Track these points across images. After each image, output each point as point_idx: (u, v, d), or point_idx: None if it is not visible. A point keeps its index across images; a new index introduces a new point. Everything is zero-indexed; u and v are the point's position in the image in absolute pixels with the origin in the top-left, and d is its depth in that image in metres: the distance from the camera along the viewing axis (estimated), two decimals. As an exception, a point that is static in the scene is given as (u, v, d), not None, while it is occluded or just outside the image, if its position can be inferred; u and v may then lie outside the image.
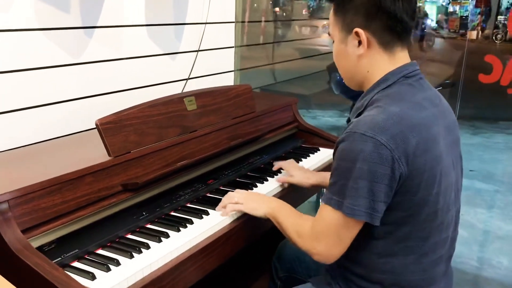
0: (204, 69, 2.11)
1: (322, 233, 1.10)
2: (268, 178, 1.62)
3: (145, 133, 1.36)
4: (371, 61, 1.13)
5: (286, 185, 1.57)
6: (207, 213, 1.34)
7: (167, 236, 1.21)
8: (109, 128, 1.26)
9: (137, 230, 1.25)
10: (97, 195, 1.21)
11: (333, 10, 1.17)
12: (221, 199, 1.43)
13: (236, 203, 1.32)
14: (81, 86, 1.58)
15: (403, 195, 1.04)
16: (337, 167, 1.06)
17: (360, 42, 1.11)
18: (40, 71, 1.45)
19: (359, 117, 1.07)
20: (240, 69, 2.38)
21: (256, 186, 1.55)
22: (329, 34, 1.20)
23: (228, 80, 2.29)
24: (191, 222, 1.29)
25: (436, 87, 3.36)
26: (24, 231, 1.03)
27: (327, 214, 1.08)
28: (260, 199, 1.32)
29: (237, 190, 1.38)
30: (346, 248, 1.09)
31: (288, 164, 1.61)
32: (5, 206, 1.01)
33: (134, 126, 1.33)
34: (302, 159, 1.82)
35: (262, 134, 1.78)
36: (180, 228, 1.26)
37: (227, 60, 2.27)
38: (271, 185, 1.56)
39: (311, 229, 1.12)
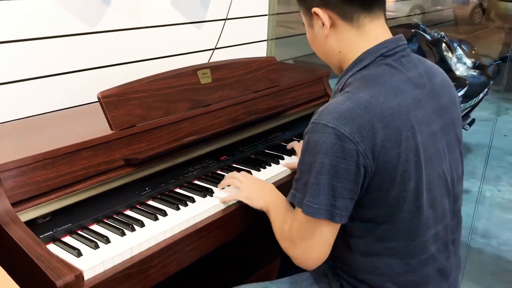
0: (234, 39, 2.04)
1: (296, 236, 1.03)
2: (284, 156, 1.55)
3: (151, 107, 1.32)
4: (339, 39, 1.03)
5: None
6: (211, 192, 1.30)
7: (164, 214, 1.19)
8: (111, 101, 1.24)
9: (137, 206, 1.23)
10: (95, 169, 1.19)
11: None
12: (230, 177, 1.38)
13: (236, 186, 1.27)
14: (98, 56, 1.57)
15: (375, 192, 0.95)
16: (301, 161, 0.98)
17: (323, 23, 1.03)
18: (54, 40, 1.45)
19: (325, 105, 0.98)
20: (274, 38, 2.28)
21: (270, 165, 1.48)
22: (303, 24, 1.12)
23: (260, 50, 2.21)
24: (193, 201, 1.26)
25: (495, 61, 3.08)
26: (15, 204, 1.04)
27: (298, 214, 1.00)
28: (259, 189, 1.24)
29: (242, 173, 1.32)
30: (325, 250, 1.01)
31: (299, 146, 1.51)
32: (-5, 178, 1.02)
33: (140, 100, 1.30)
34: None
35: (284, 109, 1.70)
36: (180, 206, 1.23)
37: (260, 28, 2.17)
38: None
39: (289, 231, 1.06)
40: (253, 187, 1.26)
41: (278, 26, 2.34)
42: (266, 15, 2.17)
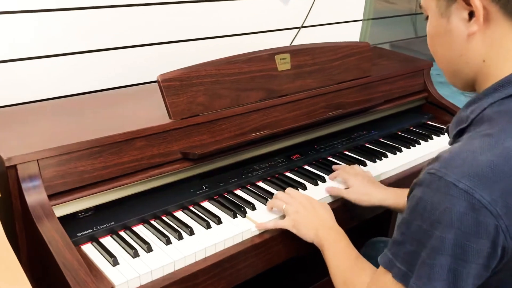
0: (323, 17, 1.80)
1: None
2: (367, 162, 1.32)
3: (217, 94, 1.16)
4: (489, 43, 0.72)
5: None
6: (275, 199, 1.13)
7: (219, 221, 1.03)
8: (172, 86, 1.08)
9: (189, 207, 1.08)
10: (148, 161, 1.06)
11: None
12: (300, 182, 1.20)
13: (279, 208, 1.05)
14: (164, 30, 1.41)
15: (507, 271, 0.68)
16: (408, 223, 0.71)
17: (472, 14, 0.71)
18: (116, 9, 1.31)
19: (454, 148, 0.69)
20: (371, 19, 2.01)
21: (348, 171, 1.27)
22: (420, 7, 0.82)
23: (353, 31, 1.95)
24: (253, 208, 1.09)
25: None
26: (54, 196, 0.93)
27: (387, 284, 0.74)
28: (311, 217, 1.01)
29: (291, 191, 1.08)
30: None
31: (344, 172, 1.19)
32: (34, 166, 0.91)
33: (205, 86, 1.13)
34: (399, 151, 1.45)
35: (374, 105, 1.46)
36: (237, 214, 1.06)
37: (354, 6, 1.91)
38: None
39: None
40: (305, 212, 1.02)
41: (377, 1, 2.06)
42: (364, -9, 1.91)
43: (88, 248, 0.94)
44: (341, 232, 0.98)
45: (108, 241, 0.96)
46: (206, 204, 1.10)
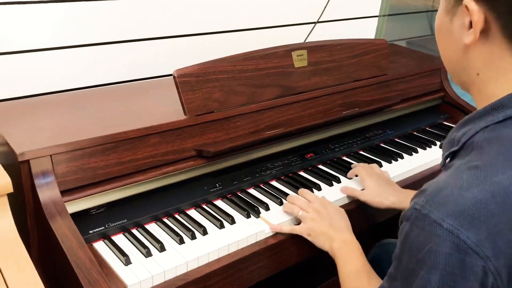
0: (339, 12, 1.77)
1: None
2: (383, 163, 1.30)
3: (233, 91, 1.13)
4: (485, 60, 0.68)
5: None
6: (290, 199, 1.10)
7: (232, 221, 1.01)
8: (188, 81, 1.06)
9: (202, 205, 1.06)
10: (162, 158, 1.04)
11: None
12: (315, 182, 1.18)
13: (295, 214, 1.03)
14: (176, 24, 1.39)
15: None
16: (399, 258, 0.68)
17: (471, 24, 0.67)
18: (137, 1, 1.29)
19: (440, 181, 0.65)
20: (388, 15, 1.97)
21: (363, 172, 1.24)
22: None
23: (369, 27, 1.92)
24: (267, 208, 1.07)
25: None
26: (66, 192, 0.91)
27: None
28: (327, 227, 0.98)
29: (309, 194, 1.06)
30: None
31: (363, 170, 1.17)
32: (47, 161, 0.89)
33: (221, 82, 1.11)
34: (415, 152, 1.41)
35: (390, 104, 1.43)
36: (251, 215, 1.04)
37: (371, 2, 1.87)
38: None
39: None
40: (319, 220, 0.99)
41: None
42: (381, -14, 1.87)
43: (100, 246, 0.92)
44: (355, 245, 0.95)
45: (120, 239, 0.94)
46: (219, 203, 1.08)
